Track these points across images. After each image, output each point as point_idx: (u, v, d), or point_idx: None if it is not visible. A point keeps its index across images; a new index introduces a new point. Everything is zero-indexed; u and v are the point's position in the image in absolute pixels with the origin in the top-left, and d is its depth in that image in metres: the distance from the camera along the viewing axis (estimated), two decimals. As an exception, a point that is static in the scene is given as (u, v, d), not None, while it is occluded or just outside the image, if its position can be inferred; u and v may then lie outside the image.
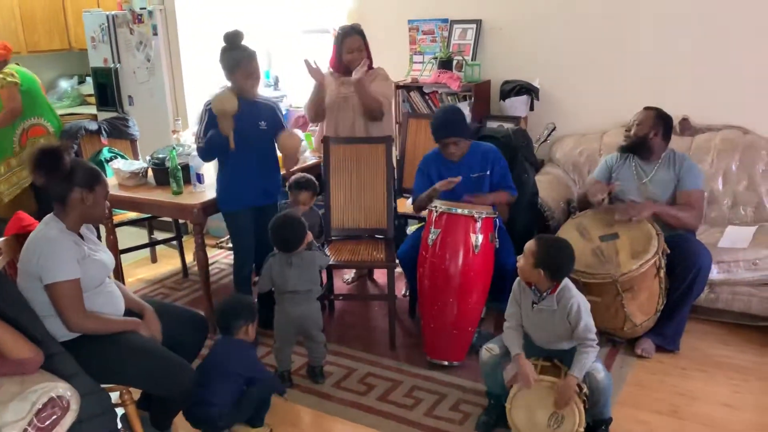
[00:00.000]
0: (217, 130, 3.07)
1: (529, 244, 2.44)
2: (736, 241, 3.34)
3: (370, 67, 3.67)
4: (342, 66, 3.70)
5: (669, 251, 2.99)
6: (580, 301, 2.39)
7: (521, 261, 2.45)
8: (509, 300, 2.58)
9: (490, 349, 2.56)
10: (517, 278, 2.53)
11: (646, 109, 3.29)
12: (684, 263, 3.02)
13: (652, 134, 3.22)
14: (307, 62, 3.53)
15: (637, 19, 3.99)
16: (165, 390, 2.32)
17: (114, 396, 2.31)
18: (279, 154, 3.43)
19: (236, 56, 3.10)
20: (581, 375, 2.34)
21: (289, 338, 3.00)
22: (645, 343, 3.14)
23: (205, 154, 3.25)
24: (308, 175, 3.54)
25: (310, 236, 2.97)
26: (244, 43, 3.14)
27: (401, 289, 3.85)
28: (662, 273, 2.99)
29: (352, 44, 3.60)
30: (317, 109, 3.71)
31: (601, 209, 3.17)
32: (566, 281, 2.43)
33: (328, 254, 3.26)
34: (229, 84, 3.16)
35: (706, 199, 3.49)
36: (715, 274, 3.19)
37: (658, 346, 3.15)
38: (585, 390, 2.39)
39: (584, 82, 4.23)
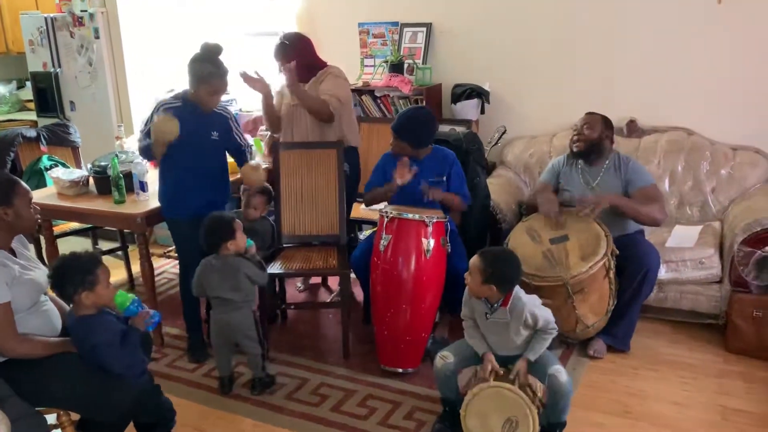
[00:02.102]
0: (152, 143, 3.02)
1: (474, 261, 2.41)
2: (683, 241, 3.39)
3: (312, 73, 3.58)
4: None
5: (618, 252, 3.02)
6: (532, 307, 2.39)
7: (468, 279, 2.42)
8: (463, 301, 2.55)
9: (444, 357, 2.53)
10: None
11: (591, 114, 3.31)
12: (633, 264, 3.05)
13: (604, 136, 3.25)
14: (244, 75, 3.42)
15: (584, 23, 4.03)
16: (103, 413, 2.20)
17: (51, 418, 2.19)
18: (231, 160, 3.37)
19: (209, 70, 2.98)
20: (534, 358, 2.37)
21: (221, 344, 2.96)
22: (597, 344, 3.17)
23: (141, 154, 3.26)
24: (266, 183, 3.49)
25: (253, 249, 2.92)
26: (220, 58, 3.03)
27: (359, 294, 3.78)
28: (612, 274, 3.02)
29: (281, 62, 3.53)
30: (271, 119, 3.64)
31: (557, 219, 3.16)
32: (516, 290, 2.42)
33: (280, 268, 3.18)
34: (188, 89, 3.06)
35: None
36: (663, 273, 3.24)
37: (610, 347, 3.18)
38: (540, 396, 2.38)
39: (534, 85, 4.26)
